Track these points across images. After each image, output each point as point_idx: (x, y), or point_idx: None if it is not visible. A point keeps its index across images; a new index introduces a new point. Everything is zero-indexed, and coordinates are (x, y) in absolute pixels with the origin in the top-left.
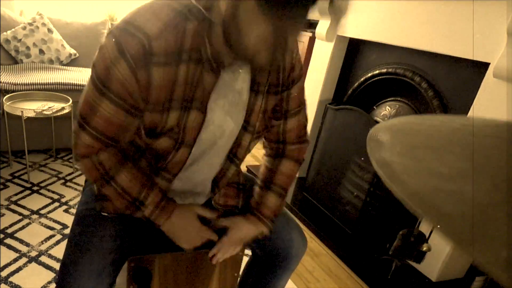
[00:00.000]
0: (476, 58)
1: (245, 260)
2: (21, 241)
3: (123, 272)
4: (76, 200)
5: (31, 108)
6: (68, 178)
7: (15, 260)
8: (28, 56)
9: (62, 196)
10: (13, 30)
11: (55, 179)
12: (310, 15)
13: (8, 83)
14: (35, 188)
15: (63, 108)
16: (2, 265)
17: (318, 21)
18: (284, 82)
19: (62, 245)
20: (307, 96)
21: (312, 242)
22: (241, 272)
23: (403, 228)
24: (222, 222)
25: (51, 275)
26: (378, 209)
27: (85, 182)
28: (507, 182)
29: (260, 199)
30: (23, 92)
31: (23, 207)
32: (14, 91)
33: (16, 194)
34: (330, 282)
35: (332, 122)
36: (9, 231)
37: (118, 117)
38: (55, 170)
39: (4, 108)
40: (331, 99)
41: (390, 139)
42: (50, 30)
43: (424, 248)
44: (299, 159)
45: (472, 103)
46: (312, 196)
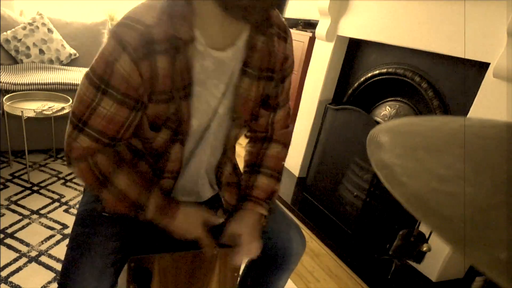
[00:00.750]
0: (476, 58)
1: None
2: (21, 241)
3: (123, 272)
4: (76, 200)
5: (31, 108)
6: (68, 178)
7: (15, 260)
8: (28, 56)
9: (62, 196)
10: (13, 30)
11: (55, 179)
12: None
13: (8, 83)
14: (35, 188)
15: (63, 108)
16: (2, 265)
17: (318, 21)
18: (277, 72)
19: (62, 245)
20: (307, 96)
21: (312, 242)
22: (241, 272)
23: (403, 228)
24: (231, 231)
25: (51, 275)
26: (378, 209)
27: None
28: (507, 184)
29: (249, 183)
30: (23, 92)
31: (23, 207)
32: (14, 91)
33: (16, 194)
34: (330, 282)
35: (332, 122)
36: (9, 231)
37: (121, 114)
38: (55, 170)
39: (4, 108)
40: (331, 99)
41: (390, 141)
42: (50, 30)
43: (424, 248)
44: (286, 143)
45: (472, 103)
46: (312, 196)
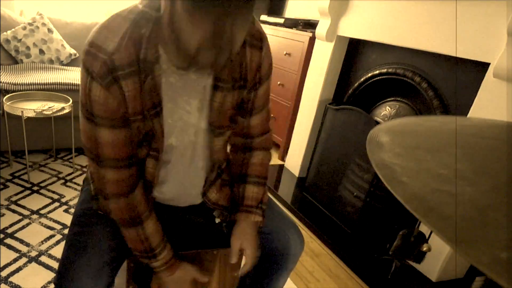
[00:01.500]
0: (476, 58)
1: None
2: (21, 241)
3: (122, 272)
4: (76, 200)
5: (31, 108)
6: (68, 178)
7: (15, 260)
8: (28, 56)
9: (62, 196)
10: (13, 30)
11: (55, 179)
12: (310, 15)
13: (8, 83)
14: (35, 188)
15: (63, 108)
16: (2, 265)
17: (318, 21)
18: (250, 81)
19: (62, 245)
20: (307, 96)
21: (312, 242)
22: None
23: (403, 228)
24: (237, 247)
25: (51, 275)
26: (378, 209)
27: (83, 182)
28: (507, 184)
29: (240, 194)
30: (23, 92)
31: (23, 207)
32: (14, 91)
33: (16, 194)
34: (330, 282)
35: (332, 122)
36: (9, 231)
37: (120, 136)
38: (55, 170)
39: (4, 108)
40: (331, 99)
41: (390, 141)
42: (50, 30)
43: (424, 248)
44: (267, 147)
45: (472, 103)
46: (312, 196)
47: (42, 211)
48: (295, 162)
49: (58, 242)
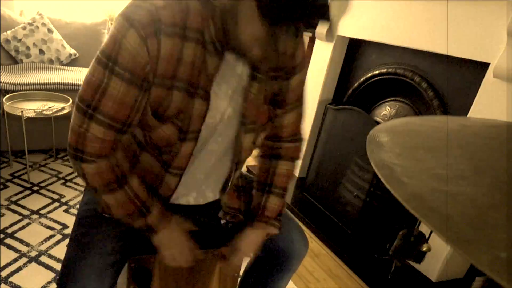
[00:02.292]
0: (476, 58)
1: (245, 260)
2: (21, 241)
3: (123, 272)
4: (76, 200)
5: (31, 108)
6: (68, 178)
7: (15, 260)
8: (28, 56)
9: (62, 196)
10: (13, 30)
11: (55, 179)
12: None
13: (8, 83)
14: (35, 188)
15: (63, 108)
16: (2, 265)
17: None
18: (284, 68)
19: (62, 245)
20: (307, 96)
21: (312, 242)
22: (241, 273)
23: (403, 228)
24: (236, 244)
25: (51, 275)
26: (378, 209)
27: None
28: (507, 184)
29: (262, 203)
30: (23, 92)
31: (23, 207)
32: (14, 91)
33: (16, 194)
34: (330, 282)
35: (332, 122)
36: (9, 231)
37: (131, 95)
38: (55, 170)
39: (4, 108)
40: (331, 99)
41: (390, 141)
42: (50, 30)
43: (424, 248)
44: (295, 157)
45: (472, 103)
46: (312, 196)
47: (42, 211)
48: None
49: (58, 242)
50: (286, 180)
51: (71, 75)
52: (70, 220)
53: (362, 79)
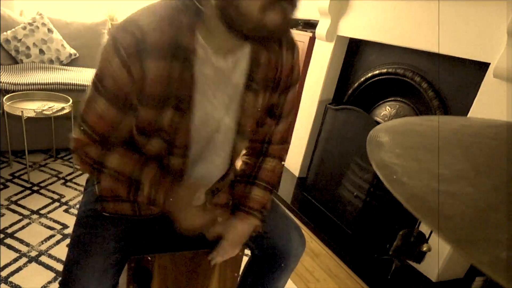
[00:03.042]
0: (476, 58)
1: (244, 260)
2: (21, 241)
3: (123, 272)
4: (76, 200)
5: (31, 108)
6: (68, 178)
7: (15, 260)
8: (28, 56)
9: (62, 196)
10: (13, 30)
11: (55, 179)
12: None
13: (8, 83)
14: (35, 188)
15: (63, 108)
16: (2, 265)
17: (318, 21)
18: (283, 83)
19: (62, 245)
20: (307, 96)
21: (312, 242)
22: (240, 272)
23: (403, 228)
24: (218, 229)
25: (51, 275)
26: (378, 209)
27: (86, 183)
28: (507, 184)
29: (244, 194)
30: (23, 92)
31: (23, 207)
32: (14, 91)
33: (16, 194)
34: (330, 282)
35: (332, 122)
36: (9, 231)
37: (109, 113)
38: (55, 170)
39: (4, 108)
40: (331, 99)
41: (390, 141)
42: (50, 30)
43: (424, 248)
44: (281, 158)
45: (472, 103)
46: (312, 196)
47: (42, 211)
48: (295, 162)
49: (58, 242)
50: (271, 175)
51: (71, 75)
52: (70, 220)
53: (362, 79)
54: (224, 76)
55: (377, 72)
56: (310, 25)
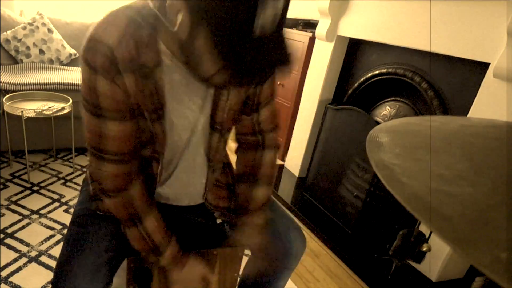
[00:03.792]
0: (476, 58)
1: (244, 260)
2: (21, 241)
3: (123, 272)
4: (76, 200)
5: (31, 108)
6: (68, 178)
7: (15, 260)
8: (28, 56)
9: (62, 196)
10: (13, 30)
11: (55, 179)
12: (310, 15)
13: (8, 83)
14: (35, 188)
15: (63, 108)
16: (2, 265)
17: (318, 21)
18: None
19: (62, 245)
20: (307, 96)
21: (312, 242)
22: (241, 272)
23: (403, 228)
24: (236, 237)
25: (51, 275)
26: (378, 209)
27: (83, 182)
28: (507, 184)
29: (249, 195)
30: (23, 92)
31: (23, 207)
32: (14, 91)
33: (16, 194)
34: (330, 282)
35: (332, 122)
36: (9, 231)
37: (127, 129)
38: (55, 170)
39: (4, 108)
40: (331, 99)
41: (390, 141)
42: (50, 30)
43: (424, 248)
44: (277, 146)
45: (472, 103)
46: (312, 196)
47: (42, 211)
48: (295, 162)
49: (58, 242)
50: (271, 169)
51: (71, 75)
52: None
53: (362, 79)
54: (194, 80)
55: (377, 72)
56: (310, 25)
